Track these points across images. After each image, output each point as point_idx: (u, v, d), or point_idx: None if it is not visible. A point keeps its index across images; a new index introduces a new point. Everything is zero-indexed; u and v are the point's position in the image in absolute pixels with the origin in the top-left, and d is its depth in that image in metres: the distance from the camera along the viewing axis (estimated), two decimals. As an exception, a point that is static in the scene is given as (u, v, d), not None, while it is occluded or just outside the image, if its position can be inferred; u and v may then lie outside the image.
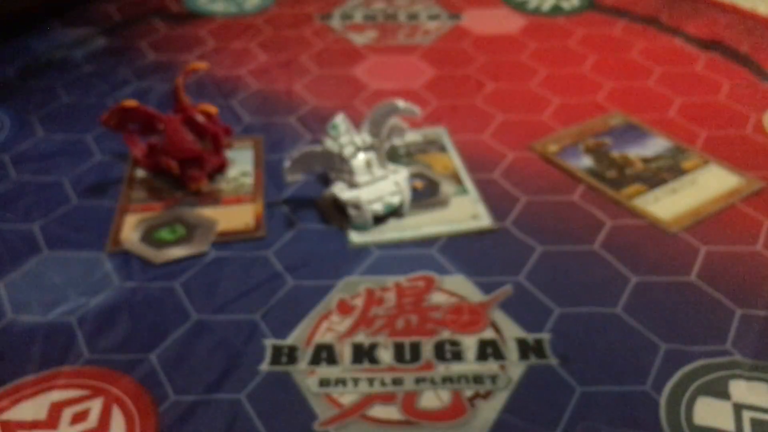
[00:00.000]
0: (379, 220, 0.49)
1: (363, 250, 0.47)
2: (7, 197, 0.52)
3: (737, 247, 0.48)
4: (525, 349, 0.40)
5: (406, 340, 0.41)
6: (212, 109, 0.51)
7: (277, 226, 0.49)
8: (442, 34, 0.76)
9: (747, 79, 0.67)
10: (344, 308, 0.43)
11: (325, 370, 0.39)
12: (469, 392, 0.38)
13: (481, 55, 0.71)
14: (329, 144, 0.50)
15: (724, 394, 0.38)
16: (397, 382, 0.38)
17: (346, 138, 0.48)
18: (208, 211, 0.51)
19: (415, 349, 0.40)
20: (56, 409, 0.37)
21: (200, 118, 0.50)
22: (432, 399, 0.37)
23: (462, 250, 0.47)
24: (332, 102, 0.64)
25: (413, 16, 0.79)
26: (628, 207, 0.51)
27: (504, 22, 0.78)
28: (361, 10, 0.81)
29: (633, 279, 0.45)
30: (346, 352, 0.40)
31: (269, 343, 0.40)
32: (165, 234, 0.48)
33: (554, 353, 0.40)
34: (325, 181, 0.53)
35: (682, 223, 0.49)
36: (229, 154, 0.56)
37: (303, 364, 0.39)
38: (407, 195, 0.50)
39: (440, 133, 0.60)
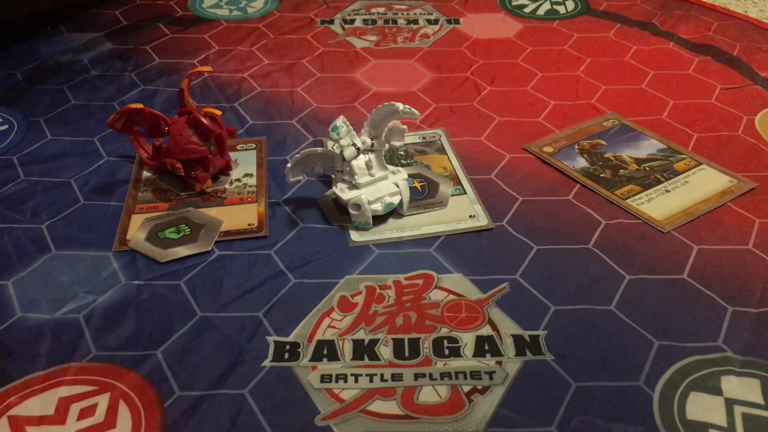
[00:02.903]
0: (379, 219, 0.50)
1: (363, 248, 0.48)
2: (16, 197, 0.53)
3: (729, 245, 0.48)
4: (521, 345, 0.41)
5: (406, 337, 0.41)
6: (216, 111, 0.52)
7: (279, 226, 0.50)
8: (440, 37, 0.77)
9: (739, 81, 0.68)
10: (345, 305, 0.44)
11: (326, 366, 0.40)
12: (466, 387, 0.38)
13: (479, 59, 0.72)
14: (330, 145, 0.51)
15: (716, 390, 0.38)
16: (396, 377, 0.39)
17: (347, 140, 0.49)
18: (212, 211, 0.51)
19: (414, 345, 0.41)
20: (64, 405, 0.37)
21: (205, 120, 0.51)
22: (431, 394, 0.38)
23: (460, 248, 0.48)
24: (333, 104, 0.64)
25: (412, 21, 0.81)
26: (623, 207, 0.52)
27: (501, 26, 0.79)
28: (361, 14, 0.82)
29: (627, 277, 0.46)
30: (346, 348, 0.41)
31: (272, 339, 0.41)
32: (170, 233, 0.49)
33: (550, 349, 0.40)
34: (326, 181, 0.54)
35: (675, 223, 0.50)
36: (233, 155, 0.57)
37: (305, 360, 0.40)
38: (406, 195, 0.51)
39: (439, 134, 0.61)
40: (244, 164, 0.57)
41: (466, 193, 0.53)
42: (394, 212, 0.51)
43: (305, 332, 0.42)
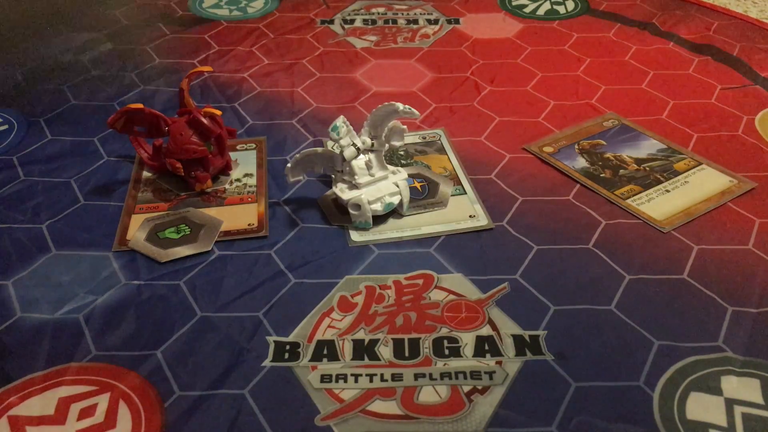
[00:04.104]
0: (379, 219, 0.50)
1: (363, 248, 0.48)
2: (16, 197, 0.53)
3: (729, 245, 0.48)
4: (521, 345, 0.41)
5: (405, 337, 0.41)
6: (216, 111, 0.52)
7: (279, 226, 0.50)
8: (440, 37, 0.77)
9: (739, 81, 0.68)
10: (345, 305, 0.44)
11: (326, 366, 0.40)
12: (466, 387, 0.38)
13: (479, 59, 0.72)
14: (330, 145, 0.51)
15: (716, 390, 0.38)
16: (396, 377, 0.39)
17: (347, 140, 0.49)
18: (212, 211, 0.51)
19: (414, 345, 0.41)
20: (64, 405, 0.37)
21: (205, 120, 0.51)
22: (431, 394, 0.38)
23: (460, 248, 0.48)
24: (333, 104, 0.65)
25: (412, 21, 0.81)
26: (623, 207, 0.52)
27: (501, 26, 0.79)
28: (361, 14, 0.82)
29: (627, 277, 0.46)
30: (346, 348, 0.41)
31: (272, 339, 0.41)
32: (170, 233, 0.49)
33: (550, 349, 0.41)
34: (326, 181, 0.54)
35: (675, 223, 0.50)
36: (233, 155, 0.57)
37: (305, 360, 0.40)
38: (406, 195, 0.51)
39: (439, 134, 0.61)
40: (244, 164, 0.57)
41: (466, 193, 0.54)
42: (394, 212, 0.51)
43: (305, 332, 0.42)
